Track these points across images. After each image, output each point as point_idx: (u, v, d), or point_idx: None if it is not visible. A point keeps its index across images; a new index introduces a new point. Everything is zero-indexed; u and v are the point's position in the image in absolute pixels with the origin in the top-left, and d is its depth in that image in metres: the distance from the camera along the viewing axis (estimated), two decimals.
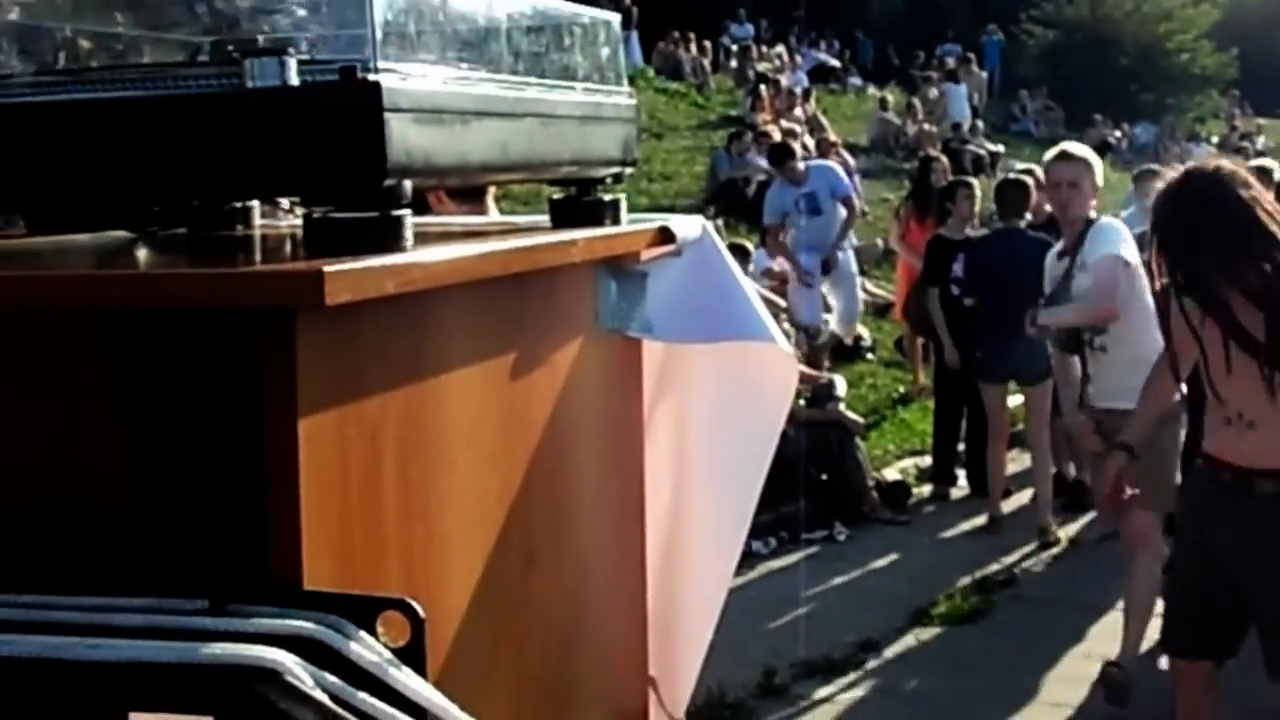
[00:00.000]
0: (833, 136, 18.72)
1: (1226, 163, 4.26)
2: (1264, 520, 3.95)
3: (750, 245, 11.25)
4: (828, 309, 11.62)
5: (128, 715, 1.16)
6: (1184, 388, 4.50)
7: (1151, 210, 4.30)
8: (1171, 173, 4.32)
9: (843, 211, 11.47)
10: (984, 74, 29.58)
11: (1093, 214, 6.24)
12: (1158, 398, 4.59)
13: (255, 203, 1.69)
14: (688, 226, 1.85)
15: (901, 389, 11.74)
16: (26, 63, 1.46)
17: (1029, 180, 8.96)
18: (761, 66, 23.33)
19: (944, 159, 13.49)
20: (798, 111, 20.42)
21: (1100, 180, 6.39)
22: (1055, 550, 7.92)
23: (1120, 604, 5.80)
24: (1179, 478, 5.24)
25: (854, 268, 11.79)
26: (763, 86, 20.65)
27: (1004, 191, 9.04)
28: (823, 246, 11.27)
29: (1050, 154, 6.55)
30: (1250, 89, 35.95)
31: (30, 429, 1.25)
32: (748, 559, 7.40)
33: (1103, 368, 5.90)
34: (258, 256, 1.46)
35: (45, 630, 1.13)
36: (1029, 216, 8.82)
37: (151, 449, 1.22)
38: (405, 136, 1.27)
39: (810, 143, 18.88)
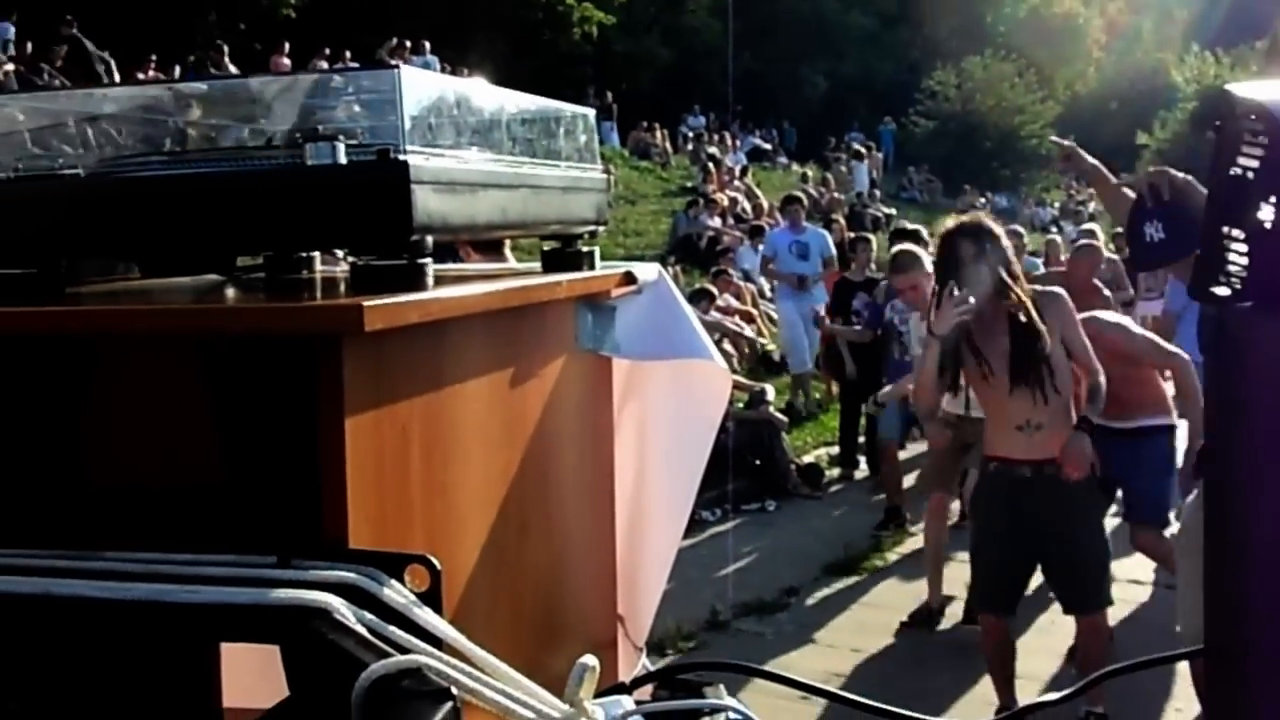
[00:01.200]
0: (765, 202, 18.75)
1: (972, 217, 4.34)
2: (1054, 493, 4.14)
3: (710, 286, 11.35)
4: None
5: (218, 645, 1.16)
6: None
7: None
8: (944, 225, 4.40)
9: (821, 267, 11.43)
10: (880, 155, 29.74)
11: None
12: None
13: (316, 253, 1.68)
14: (647, 271, 1.85)
15: (817, 395, 11.74)
16: (142, 146, 1.46)
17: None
18: (711, 149, 23.33)
19: (842, 220, 13.71)
20: (737, 184, 20.43)
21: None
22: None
23: None
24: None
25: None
26: (711, 164, 20.66)
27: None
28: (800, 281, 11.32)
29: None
30: None
31: (146, 428, 1.25)
32: (698, 525, 7.39)
33: None
34: (316, 295, 1.46)
35: (154, 580, 1.13)
36: None
37: (236, 442, 1.23)
38: (427, 203, 1.28)
39: (748, 207, 18.91)
